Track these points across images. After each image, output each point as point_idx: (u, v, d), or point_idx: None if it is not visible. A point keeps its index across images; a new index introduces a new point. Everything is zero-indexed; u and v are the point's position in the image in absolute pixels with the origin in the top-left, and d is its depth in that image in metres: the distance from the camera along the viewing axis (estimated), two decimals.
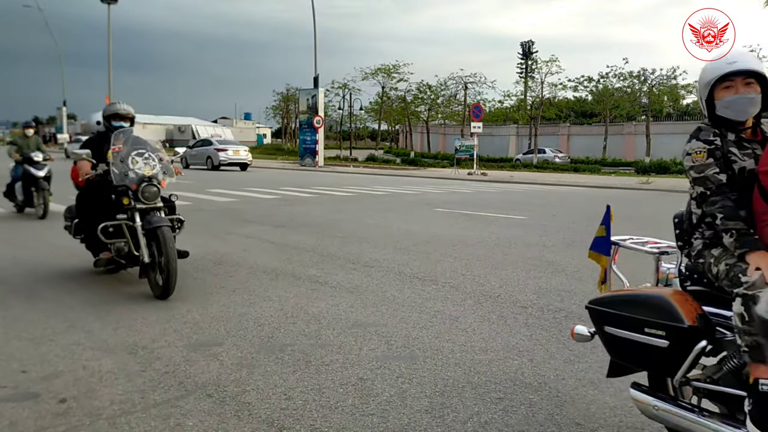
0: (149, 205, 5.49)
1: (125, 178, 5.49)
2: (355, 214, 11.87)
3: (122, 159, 5.53)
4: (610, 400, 3.26)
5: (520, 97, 49.42)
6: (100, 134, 6.19)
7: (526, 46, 73.69)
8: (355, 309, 5.06)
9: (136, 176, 5.51)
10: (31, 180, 11.05)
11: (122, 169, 5.52)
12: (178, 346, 4.12)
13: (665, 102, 44.18)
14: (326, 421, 3.03)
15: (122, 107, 6.11)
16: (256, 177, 23.84)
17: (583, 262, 7.13)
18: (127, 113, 6.10)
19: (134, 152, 5.59)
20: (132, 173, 5.50)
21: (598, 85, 42.04)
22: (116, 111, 6.07)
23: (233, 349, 4.04)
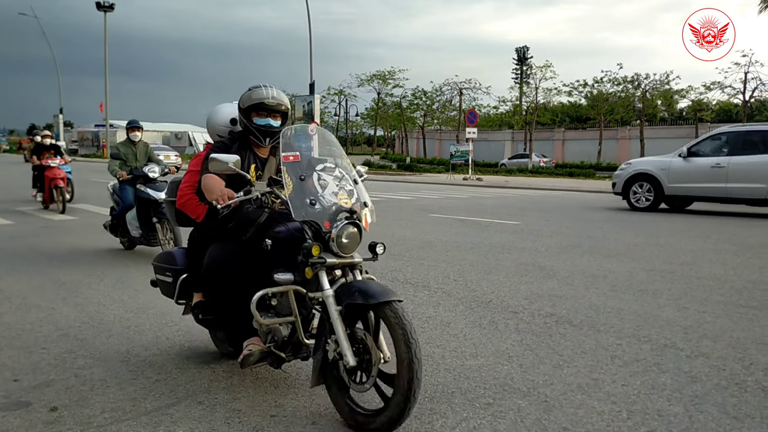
0: (346, 259, 3.00)
1: (309, 210, 3.02)
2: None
3: (302, 177, 3.10)
4: (597, 404, 3.29)
5: (515, 103, 49.56)
6: (233, 137, 3.71)
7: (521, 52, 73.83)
8: None
9: (327, 208, 3.04)
10: (149, 206, 7.74)
11: (303, 196, 3.06)
12: (171, 353, 4.14)
13: (659, 106, 44.37)
14: (316, 427, 3.05)
15: (271, 93, 3.51)
16: None
17: (575, 266, 7.17)
18: (278, 104, 3.53)
19: (319, 166, 3.17)
20: (319, 203, 3.04)
21: (592, 90, 42.21)
22: (261, 99, 3.49)
23: (225, 357, 4.06)
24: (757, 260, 7.65)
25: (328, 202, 3.02)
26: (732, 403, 3.31)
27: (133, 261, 7.70)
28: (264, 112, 3.50)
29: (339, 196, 3.07)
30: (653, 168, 14.31)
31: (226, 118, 4.02)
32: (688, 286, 6.13)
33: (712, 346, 4.26)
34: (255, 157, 3.59)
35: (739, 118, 35.53)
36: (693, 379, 3.66)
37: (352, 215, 2.99)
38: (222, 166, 3.15)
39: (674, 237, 9.78)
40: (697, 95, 39.76)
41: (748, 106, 35.99)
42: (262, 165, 3.58)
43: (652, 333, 4.55)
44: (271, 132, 3.53)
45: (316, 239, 2.99)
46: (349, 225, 2.95)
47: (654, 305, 5.38)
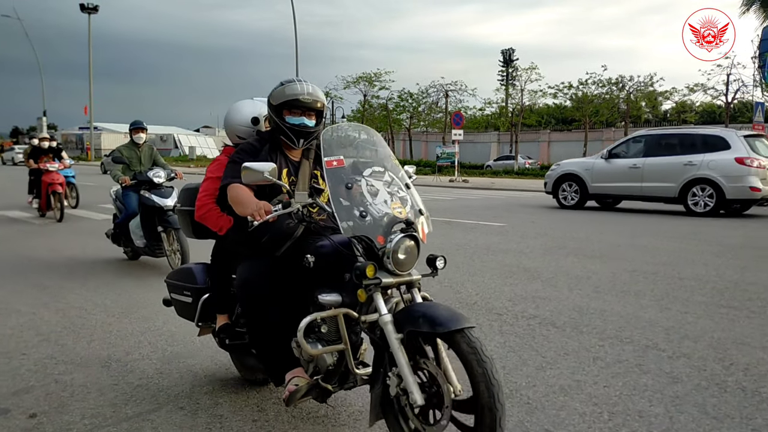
0: (403, 277, 2.61)
1: (359, 223, 2.62)
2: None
3: (349, 185, 2.70)
4: (579, 406, 3.30)
5: (501, 105, 49.75)
6: (262, 138, 3.24)
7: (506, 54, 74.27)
8: None
9: (379, 219, 2.64)
10: (153, 213, 7.20)
11: (351, 207, 2.65)
12: (153, 358, 4.11)
13: (643, 108, 44.70)
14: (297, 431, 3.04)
15: (306, 89, 3.05)
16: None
17: (559, 268, 7.21)
18: (314, 101, 3.07)
19: (367, 171, 2.78)
20: (369, 215, 2.64)
21: (577, 92, 42.47)
22: (295, 96, 3.02)
23: (207, 361, 4.04)
24: (738, 261, 7.72)
25: (380, 213, 2.62)
26: (712, 403, 3.34)
27: (117, 265, 7.65)
28: (298, 109, 3.05)
29: (392, 205, 2.67)
30: (579, 169, 15.45)
31: (246, 118, 3.60)
32: (671, 287, 6.18)
33: (693, 346, 4.29)
34: (287, 160, 3.14)
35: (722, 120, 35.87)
36: (674, 379, 3.68)
37: (408, 227, 2.59)
38: (256, 177, 2.69)
39: (657, 238, 9.85)
40: (680, 97, 40.13)
41: (730, 107, 36.34)
42: (294, 170, 3.13)
43: (634, 334, 4.58)
44: (306, 132, 3.08)
45: (367, 255, 2.60)
46: (406, 238, 2.55)
47: (637, 306, 5.42)
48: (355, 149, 2.97)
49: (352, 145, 2.97)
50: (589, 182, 15.07)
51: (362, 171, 2.76)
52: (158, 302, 5.53)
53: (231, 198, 2.94)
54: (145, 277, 6.98)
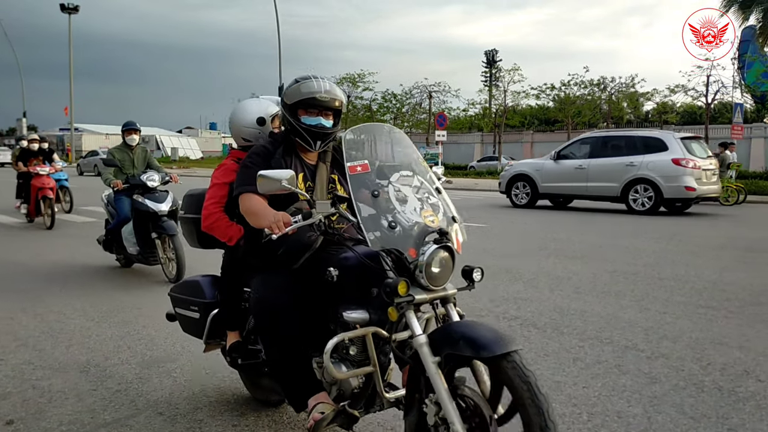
0: (438, 292, 2.36)
1: (388, 234, 2.37)
2: None
3: (375, 192, 2.43)
4: (558, 407, 3.32)
5: (485, 106, 49.93)
6: (276, 140, 2.99)
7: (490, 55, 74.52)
8: None
9: (410, 230, 2.38)
10: (147, 219, 6.87)
11: (379, 217, 2.40)
12: (132, 363, 4.08)
13: (625, 109, 45.06)
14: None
15: (323, 86, 2.81)
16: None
17: (540, 269, 7.25)
18: (332, 99, 2.83)
19: (394, 176, 2.52)
20: (399, 225, 2.39)
21: (559, 93, 42.73)
22: (312, 94, 2.79)
23: (187, 366, 4.01)
24: (717, 261, 7.81)
25: (410, 222, 2.37)
26: (689, 403, 3.37)
27: (97, 269, 7.58)
28: (314, 109, 2.81)
29: (422, 213, 2.41)
30: (529, 169, 16.06)
31: (251, 118, 3.33)
32: (650, 287, 6.24)
33: (671, 347, 4.34)
34: (302, 164, 2.89)
35: (703, 120, 36.29)
36: (652, 380, 3.72)
37: (442, 237, 2.32)
38: (273, 186, 2.45)
39: (638, 238, 9.94)
40: (661, 98, 40.52)
41: (710, 108, 36.75)
42: (311, 174, 2.88)
43: (614, 335, 4.62)
44: (323, 133, 2.84)
45: (397, 269, 2.36)
46: (440, 249, 2.29)
47: (617, 307, 5.46)
48: (378, 151, 2.65)
49: (376, 146, 2.67)
50: (540, 182, 15.67)
51: (389, 176, 2.49)
52: (138, 306, 5.51)
53: (244, 208, 2.71)
54: (126, 281, 6.92)
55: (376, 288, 2.40)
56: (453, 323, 2.30)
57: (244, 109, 3.40)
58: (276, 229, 2.45)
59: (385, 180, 2.48)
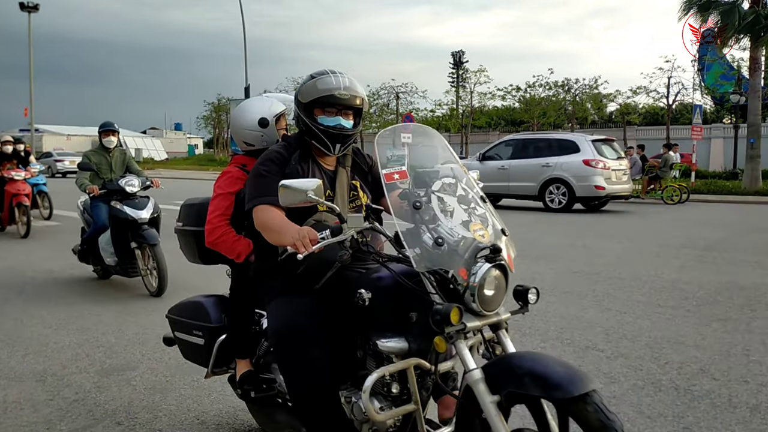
0: (491, 318, 2.06)
1: (434, 252, 2.06)
2: None
3: (417, 204, 2.14)
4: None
5: (452, 106, 50.24)
6: (290, 143, 2.64)
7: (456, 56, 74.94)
8: None
9: (458, 246, 2.07)
10: (127, 228, 6.35)
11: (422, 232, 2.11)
12: (90, 372, 4.00)
13: (589, 110, 45.74)
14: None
15: (342, 83, 2.50)
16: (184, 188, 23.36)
17: None
18: (353, 97, 2.51)
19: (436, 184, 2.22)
20: (446, 241, 2.07)
21: (525, 95, 43.21)
22: (330, 91, 2.47)
23: (148, 373, 3.95)
24: (677, 260, 7.98)
25: (458, 238, 2.05)
26: (647, 402, 3.44)
27: (55, 273, 7.42)
28: (333, 108, 2.50)
29: (471, 227, 2.10)
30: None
31: (253, 119, 2.99)
32: (611, 288, 6.35)
33: (630, 346, 4.41)
34: (320, 170, 2.57)
35: (665, 121, 37.04)
36: (612, 380, 3.78)
37: (495, 254, 2.03)
38: (297, 197, 2.14)
39: (600, 238, 10.10)
40: (624, 99, 41.23)
41: (671, 109, 37.52)
42: (330, 181, 2.56)
43: (575, 335, 4.69)
44: (343, 135, 2.53)
45: (443, 292, 2.04)
46: (493, 269, 2.00)
47: (578, 307, 5.54)
48: (414, 155, 2.42)
49: (411, 150, 2.44)
50: None
51: (430, 184, 2.20)
52: (97, 313, 5.41)
53: (261, 223, 2.37)
54: (87, 287, 6.78)
55: (415, 312, 2.15)
56: (513, 355, 1.98)
57: (244, 110, 3.07)
58: (301, 247, 2.09)
59: (425, 189, 2.18)
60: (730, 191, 20.71)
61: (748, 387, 3.65)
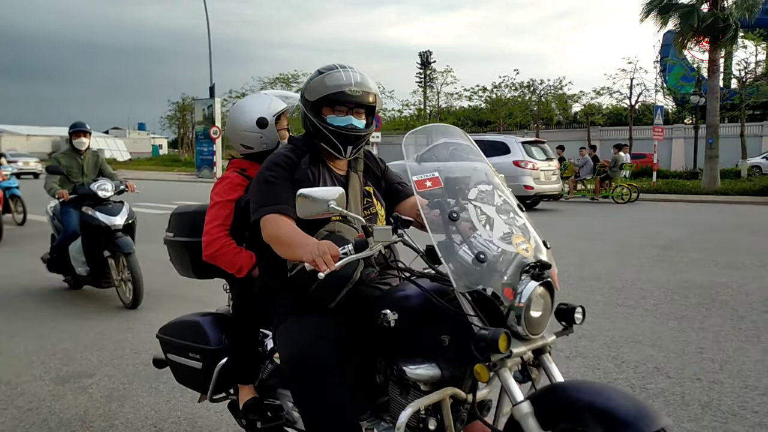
0: (536, 342, 1.86)
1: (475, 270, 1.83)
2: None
3: (453, 215, 1.92)
4: None
5: (419, 107, 50.45)
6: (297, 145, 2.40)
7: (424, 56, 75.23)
8: None
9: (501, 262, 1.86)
10: (99, 235, 5.97)
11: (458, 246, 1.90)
12: (45, 379, 3.92)
13: (554, 111, 46.35)
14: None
15: (353, 78, 2.26)
16: (150, 190, 23.03)
17: None
18: (365, 94, 2.28)
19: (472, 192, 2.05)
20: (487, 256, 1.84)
21: (491, 95, 43.59)
22: (340, 88, 2.24)
23: (105, 380, 3.89)
24: (636, 260, 8.13)
25: (500, 252, 1.86)
26: None
27: (11, 278, 7.24)
28: (343, 106, 2.28)
29: (514, 239, 1.91)
30: (397, 171, 18.00)
31: (250, 119, 2.78)
32: (572, 287, 6.44)
33: (589, 346, 4.49)
34: (331, 175, 2.35)
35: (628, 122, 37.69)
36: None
37: (541, 271, 1.83)
38: (318, 208, 1.95)
39: (561, 238, 10.23)
40: (588, 100, 41.87)
41: (634, 110, 38.21)
42: (342, 188, 2.20)
43: None
44: (355, 136, 2.30)
45: (484, 313, 1.84)
46: (540, 287, 1.82)
47: None
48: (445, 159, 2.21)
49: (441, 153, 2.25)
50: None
51: (466, 191, 2.02)
52: (53, 318, 5.29)
53: (270, 235, 2.14)
54: (55, 297, 6.63)
55: (448, 335, 1.92)
56: (567, 386, 1.78)
57: (241, 109, 2.85)
58: (322, 264, 1.86)
59: (461, 197, 2.00)
60: (690, 191, 21.16)
61: (700, 384, 3.75)
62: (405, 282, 2.09)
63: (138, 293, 5.72)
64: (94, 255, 5.99)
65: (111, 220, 5.92)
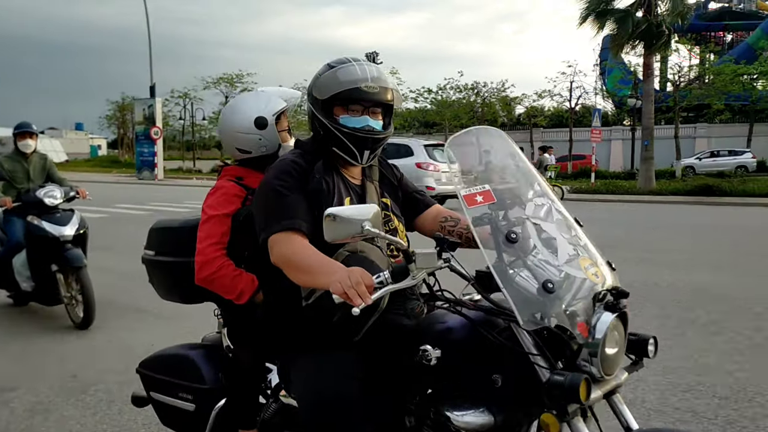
0: (610, 382, 1.64)
1: (542, 301, 1.57)
2: None
3: (512, 236, 1.65)
4: None
5: None
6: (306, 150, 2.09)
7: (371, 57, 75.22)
8: (176, 338, 4.89)
9: (571, 290, 1.63)
10: (46, 247, 5.40)
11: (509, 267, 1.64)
12: None
13: (498, 112, 47.15)
14: None
15: (369, 73, 1.97)
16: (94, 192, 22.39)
17: None
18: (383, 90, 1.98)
19: (528, 207, 1.78)
20: (556, 284, 1.58)
21: (437, 97, 44.03)
22: (355, 84, 1.93)
23: (28, 394, 3.75)
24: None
25: (568, 278, 1.62)
26: None
27: None
28: (358, 105, 1.98)
29: (581, 263, 1.67)
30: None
31: (247, 120, 2.43)
32: None
33: None
34: (346, 185, 2.03)
35: (568, 124, 38.64)
36: None
37: (617, 300, 1.59)
38: (349, 230, 1.63)
39: None
40: (531, 102, 42.74)
41: (575, 112, 39.20)
42: (359, 200, 2.02)
43: None
44: (373, 139, 1.99)
45: (545, 347, 1.60)
46: (616, 320, 1.58)
47: None
48: (492, 167, 1.92)
49: (488, 160, 1.94)
50: None
51: (522, 206, 1.75)
52: None
53: (282, 258, 1.81)
54: None
55: (501, 375, 1.65)
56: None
57: (236, 109, 2.51)
58: (357, 299, 1.53)
59: (516, 213, 1.73)
60: (627, 191, 21.82)
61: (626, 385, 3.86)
62: (440, 310, 1.81)
63: (89, 311, 5.17)
64: (41, 269, 5.42)
65: (59, 230, 5.36)
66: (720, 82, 33.33)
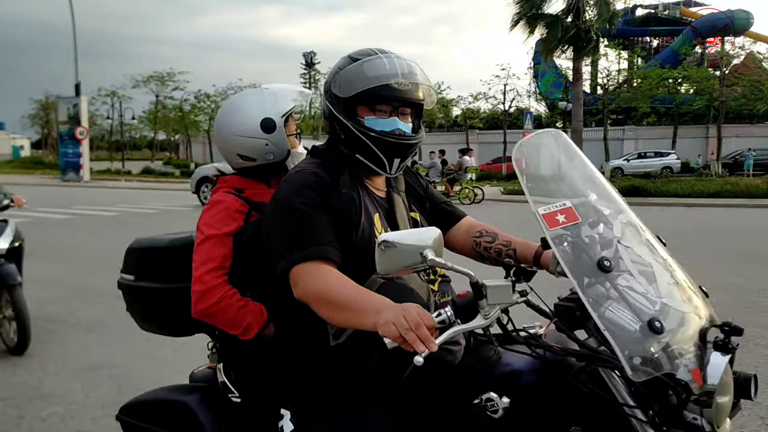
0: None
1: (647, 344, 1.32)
2: (118, 237, 11.07)
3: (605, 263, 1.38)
4: None
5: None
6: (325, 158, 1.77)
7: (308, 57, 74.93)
8: (90, 349, 4.67)
9: (679, 330, 1.38)
10: None
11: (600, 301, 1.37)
12: None
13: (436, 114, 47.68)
14: None
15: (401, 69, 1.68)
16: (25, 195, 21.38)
17: None
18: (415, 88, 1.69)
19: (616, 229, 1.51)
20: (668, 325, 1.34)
21: None
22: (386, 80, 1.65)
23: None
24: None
25: (672, 314, 1.38)
26: None
27: None
28: (386, 105, 1.69)
29: (681, 294, 1.44)
30: (210, 172, 20.26)
31: (252, 122, 2.05)
32: None
33: None
34: (371, 199, 1.74)
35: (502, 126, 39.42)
36: None
37: (728, 338, 1.35)
38: (407, 260, 1.35)
39: None
40: (467, 104, 43.42)
41: (510, 114, 40.03)
42: (388, 216, 1.75)
43: None
44: (404, 145, 1.71)
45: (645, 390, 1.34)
46: (727, 364, 1.33)
47: None
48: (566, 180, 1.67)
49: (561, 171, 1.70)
50: None
51: (609, 226, 1.50)
52: None
53: (313, 292, 1.49)
54: None
55: (580, 427, 1.42)
56: None
57: (237, 109, 2.12)
58: (420, 345, 1.22)
59: (599, 233, 1.48)
60: None
61: None
62: (498, 349, 1.51)
63: (25, 334, 4.61)
64: None
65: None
66: (646, 86, 34.65)
